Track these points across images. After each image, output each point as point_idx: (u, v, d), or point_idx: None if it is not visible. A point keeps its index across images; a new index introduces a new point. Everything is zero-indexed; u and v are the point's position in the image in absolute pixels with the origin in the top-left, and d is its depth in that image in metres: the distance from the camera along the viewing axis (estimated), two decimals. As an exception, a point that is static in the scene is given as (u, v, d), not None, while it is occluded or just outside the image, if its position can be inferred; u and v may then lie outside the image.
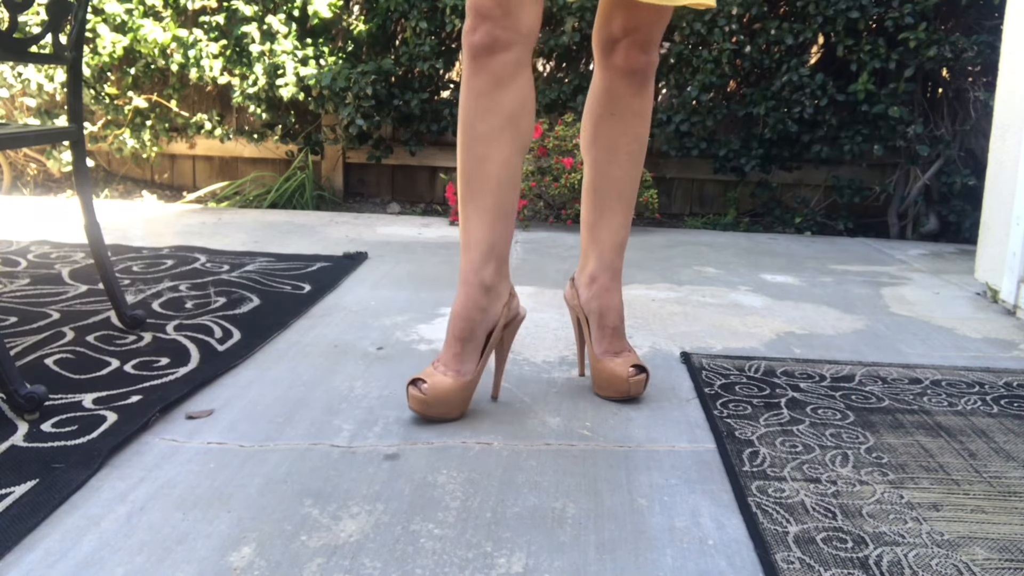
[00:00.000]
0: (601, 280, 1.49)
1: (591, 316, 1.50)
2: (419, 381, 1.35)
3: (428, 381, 1.34)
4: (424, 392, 1.34)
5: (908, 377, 1.64)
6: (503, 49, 1.29)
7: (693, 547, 1.03)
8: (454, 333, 1.37)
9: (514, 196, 1.38)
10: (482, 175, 1.34)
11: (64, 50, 1.58)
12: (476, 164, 1.34)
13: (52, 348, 1.61)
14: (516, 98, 1.32)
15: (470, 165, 1.35)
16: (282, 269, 2.32)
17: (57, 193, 3.87)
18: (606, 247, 1.50)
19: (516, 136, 1.34)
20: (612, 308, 1.49)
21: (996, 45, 2.97)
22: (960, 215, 3.37)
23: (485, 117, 1.32)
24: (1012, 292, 2.19)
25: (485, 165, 1.34)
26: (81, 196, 1.68)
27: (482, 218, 1.36)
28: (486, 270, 1.36)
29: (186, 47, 3.42)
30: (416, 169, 3.86)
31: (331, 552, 0.98)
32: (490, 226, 1.36)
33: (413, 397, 1.34)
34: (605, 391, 1.49)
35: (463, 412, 1.38)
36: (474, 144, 1.34)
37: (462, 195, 1.37)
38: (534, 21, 1.30)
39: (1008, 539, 1.06)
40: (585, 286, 1.51)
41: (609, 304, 1.49)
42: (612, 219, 1.49)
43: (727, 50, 3.25)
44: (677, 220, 3.66)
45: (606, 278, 1.49)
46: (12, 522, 1.01)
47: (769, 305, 2.19)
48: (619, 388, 1.47)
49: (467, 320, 1.36)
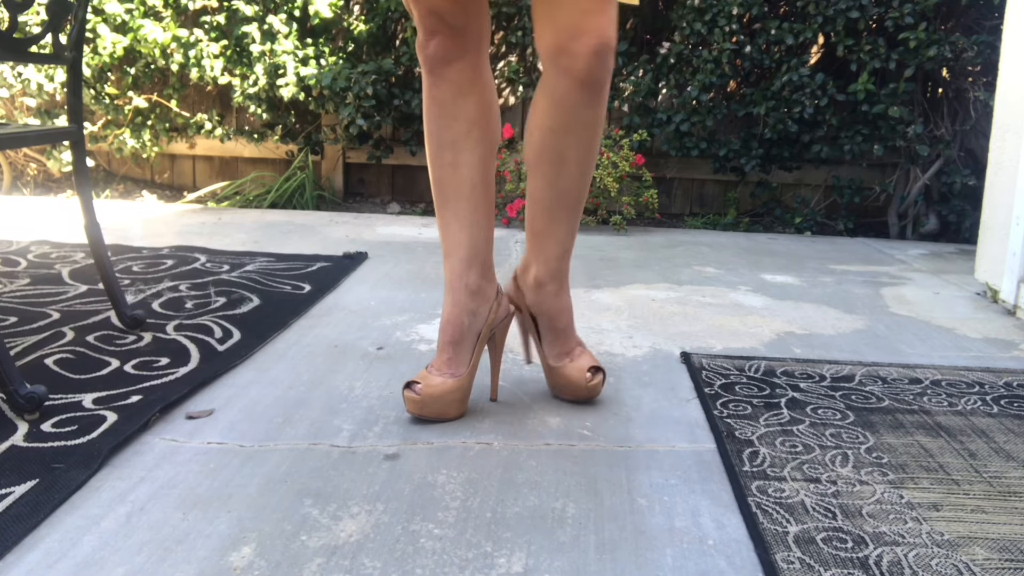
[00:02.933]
0: (549, 287, 1.44)
1: (541, 318, 1.46)
2: (413, 383, 1.36)
3: (422, 383, 1.35)
4: (419, 393, 1.34)
5: (908, 377, 1.64)
6: (458, 58, 1.32)
7: (693, 547, 1.03)
8: (445, 339, 1.38)
9: (490, 198, 1.39)
10: (455, 181, 1.36)
11: (64, 50, 1.58)
12: (448, 171, 1.36)
13: (52, 348, 1.61)
14: (479, 102, 1.35)
15: (441, 173, 1.37)
16: (282, 269, 2.32)
17: (57, 193, 3.87)
18: (552, 255, 1.43)
19: (484, 137, 1.36)
20: (563, 310, 1.45)
21: (996, 45, 2.97)
22: (960, 215, 3.37)
23: (451, 124, 1.35)
24: (1012, 292, 2.19)
25: (458, 171, 1.36)
26: (81, 196, 1.68)
27: (460, 224, 1.37)
28: (470, 275, 1.37)
29: (186, 47, 3.42)
30: (416, 169, 3.86)
31: (331, 552, 0.98)
32: (469, 231, 1.37)
33: (409, 399, 1.35)
34: (564, 393, 1.47)
35: (461, 412, 1.38)
36: (443, 152, 1.36)
37: (438, 203, 1.39)
38: (483, 29, 1.35)
39: (1008, 539, 1.06)
40: (531, 289, 1.46)
41: (559, 307, 1.45)
42: (559, 229, 1.41)
43: (727, 50, 3.25)
44: (677, 220, 3.66)
45: (554, 286, 1.44)
46: (12, 522, 1.01)
47: (769, 305, 2.19)
48: (577, 393, 1.46)
49: (457, 326, 1.37)
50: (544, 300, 1.45)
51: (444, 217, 1.39)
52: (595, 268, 2.54)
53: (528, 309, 1.47)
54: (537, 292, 1.45)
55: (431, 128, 1.37)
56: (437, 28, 1.31)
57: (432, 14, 1.31)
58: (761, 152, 3.40)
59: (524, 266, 1.48)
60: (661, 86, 3.46)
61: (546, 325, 1.46)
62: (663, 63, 3.38)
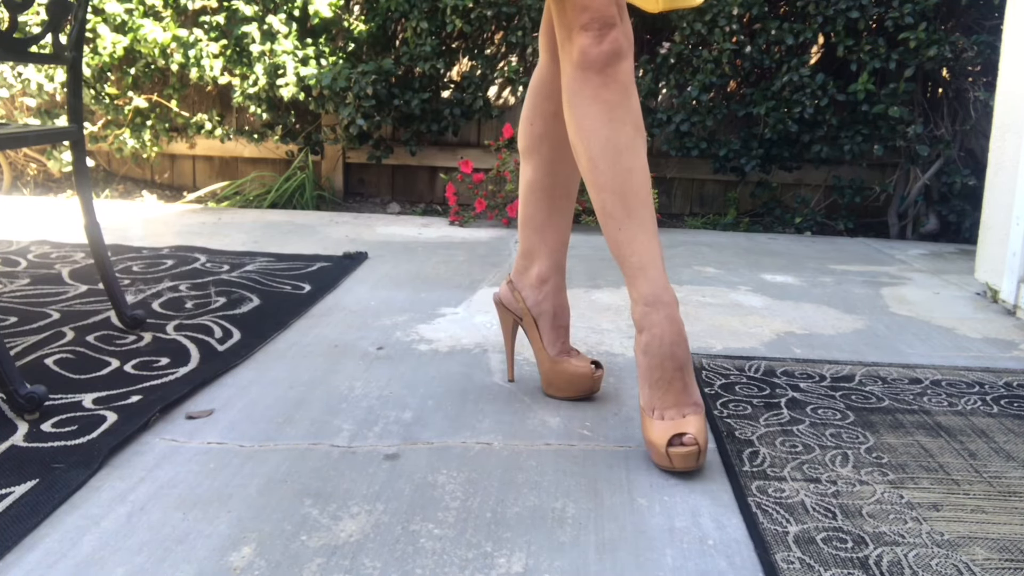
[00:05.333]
0: (553, 280, 1.46)
1: (542, 317, 1.46)
2: (683, 434, 1.20)
3: (689, 432, 1.20)
4: (688, 444, 1.19)
5: (908, 377, 1.64)
6: (626, 57, 1.25)
7: (693, 547, 1.03)
8: (676, 365, 1.23)
9: None
10: (633, 188, 1.25)
11: (64, 50, 1.58)
12: (626, 178, 1.24)
13: (52, 348, 1.61)
14: (638, 104, 1.27)
15: (620, 180, 1.24)
16: (282, 269, 2.32)
17: (57, 193, 3.87)
18: (556, 246, 1.46)
19: (644, 141, 1.28)
20: (564, 307, 1.48)
21: (996, 45, 2.97)
22: (960, 215, 3.37)
23: (622, 129, 1.24)
24: (1012, 292, 2.19)
25: (634, 177, 1.25)
26: (81, 196, 1.68)
27: (649, 234, 1.25)
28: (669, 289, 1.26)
29: (186, 47, 3.41)
30: (416, 169, 3.86)
31: (331, 552, 0.98)
32: (656, 238, 1.26)
33: (678, 455, 1.19)
34: (564, 391, 1.47)
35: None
36: (620, 158, 1.24)
37: (618, 213, 1.25)
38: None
39: (1008, 539, 1.06)
40: (533, 287, 1.46)
41: (562, 303, 1.47)
42: (561, 218, 1.45)
43: (727, 50, 3.25)
44: (677, 220, 3.66)
45: (558, 278, 1.46)
46: (12, 522, 1.01)
47: (769, 305, 2.19)
48: (582, 387, 1.46)
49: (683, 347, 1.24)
50: (547, 296, 1.46)
51: (629, 229, 1.25)
52: (595, 268, 2.54)
53: (529, 311, 1.47)
54: (540, 288, 1.46)
55: (601, 133, 1.24)
56: (614, 21, 1.22)
57: (612, 4, 1.22)
58: (761, 152, 3.40)
59: (522, 267, 1.49)
60: (661, 86, 3.46)
61: (548, 324, 1.46)
62: (663, 63, 3.38)
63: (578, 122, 1.26)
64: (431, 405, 1.43)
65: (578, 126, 1.26)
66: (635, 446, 1.30)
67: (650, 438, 1.22)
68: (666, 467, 1.20)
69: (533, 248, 1.47)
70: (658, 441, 1.20)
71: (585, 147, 1.26)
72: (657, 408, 1.23)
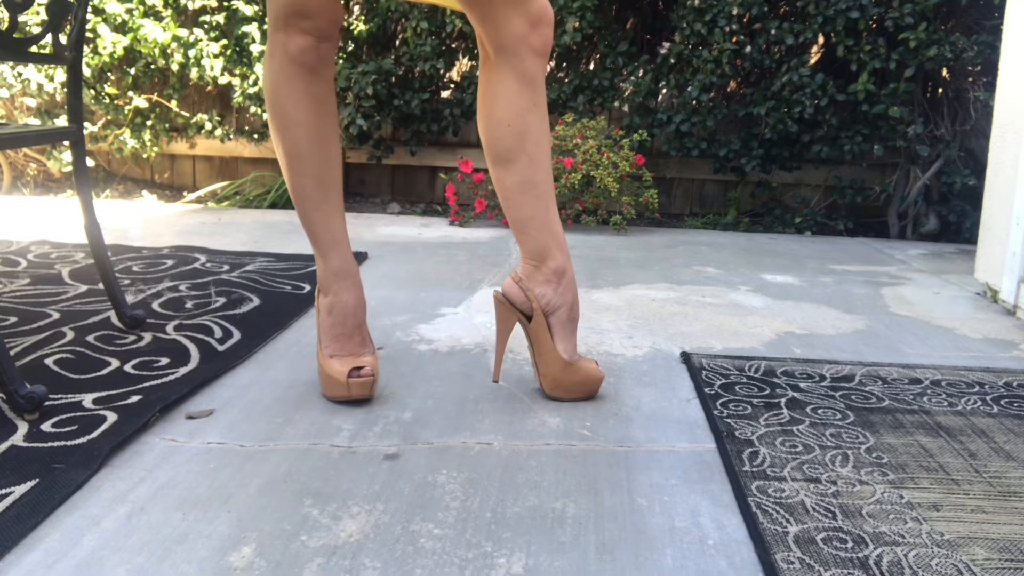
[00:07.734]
0: (569, 272, 1.46)
1: (557, 313, 1.44)
2: (356, 371, 1.40)
3: (366, 366, 1.41)
4: (368, 374, 1.40)
5: (908, 377, 1.64)
6: (332, 57, 1.44)
7: (693, 547, 1.03)
8: (356, 323, 1.45)
9: None
10: (335, 173, 1.46)
11: (64, 50, 1.58)
12: (327, 165, 1.43)
13: (52, 348, 1.61)
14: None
15: (324, 167, 1.44)
16: (282, 269, 2.32)
17: (57, 193, 3.87)
18: (562, 239, 1.46)
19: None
20: (577, 300, 1.48)
21: (996, 45, 2.97)
22: (960, 215, 3.37)
23: (327, 119, 1.44)
24: (1012, 292, 2.19)
25: (335, 163, 1.46)
26: (81, 196, 1.68)
27: (341, 215, 1.49)
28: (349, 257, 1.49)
29: (186, 47, 3.42)
30: (416, 169, 3.86)
31: (331, 552, 0.98)
32: (344, 218, 1.51)
33: (356, 384, 1.38)
34: (573, 393, 1.46)
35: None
36: (323, 146, 1.44)
37: (316, 197, 1.45)
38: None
39: (1008, 539, 1.06)
40: (550, 282, 1.44)
41: (575, 296, 1.47)
42: (555, 211, 1.47)
43: (727, 50, 3.25)
44: (677, 220, 3.66)
45: (572, 269, 1.48)
46: (12, 522, 1.01)
47: (769, 305, 2.19)
48: (591, 389, 1.46)
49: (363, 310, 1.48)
50: (565, 289, 1.45)
51: (323, 209, 1.44)
52: (595, 268, 2.54)
53: (542, 310, 1.44)
54: (558, 282, 1.44)
55: (311, 125, 1.41)
56: (331, 33, 1.38)
57: (321, 16, 1.37)
58: (761, 152, 3.40)
59: (532, 267, 1.45)
60: (661, 86, 3.46)
61: (563, 318, 1.45)
62: (663, 63, 3.38)
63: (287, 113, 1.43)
64: (431, 405, 1.43)
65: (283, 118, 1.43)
66: (635, 446, 1.30)
67: (330, 372, 1.40)
68: (342, 396, 1.39)
69: (543, 245, 1.44)
70: (338, 374, 1.39)
71: (283, 140, 1.42)
72: (336, 355, 1.43)
